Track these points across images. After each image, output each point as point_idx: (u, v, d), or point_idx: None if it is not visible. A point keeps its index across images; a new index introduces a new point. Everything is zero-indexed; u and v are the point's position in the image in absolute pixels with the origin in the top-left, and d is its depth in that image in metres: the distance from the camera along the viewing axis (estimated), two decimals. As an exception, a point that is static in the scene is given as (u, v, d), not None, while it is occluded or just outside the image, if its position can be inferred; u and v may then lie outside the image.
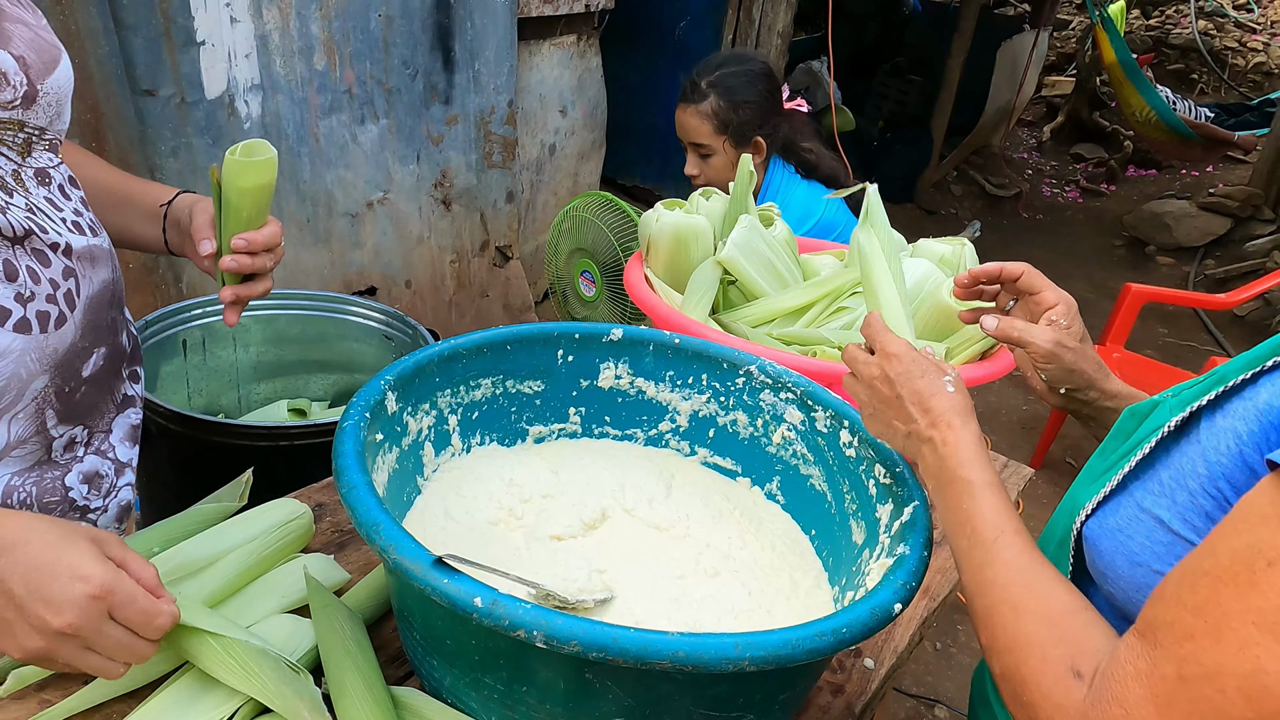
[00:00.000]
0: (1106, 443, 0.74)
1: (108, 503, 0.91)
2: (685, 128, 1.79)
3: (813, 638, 0.63)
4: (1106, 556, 0.63)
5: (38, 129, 0.80)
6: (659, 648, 0.59)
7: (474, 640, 0.69)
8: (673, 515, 1.02)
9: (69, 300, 0.80)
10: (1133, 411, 0.71)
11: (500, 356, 1.04)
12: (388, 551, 0.65)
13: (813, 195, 1.80)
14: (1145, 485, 0.62)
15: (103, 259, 0.86)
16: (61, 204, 0.83)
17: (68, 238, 0.80)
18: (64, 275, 0.80)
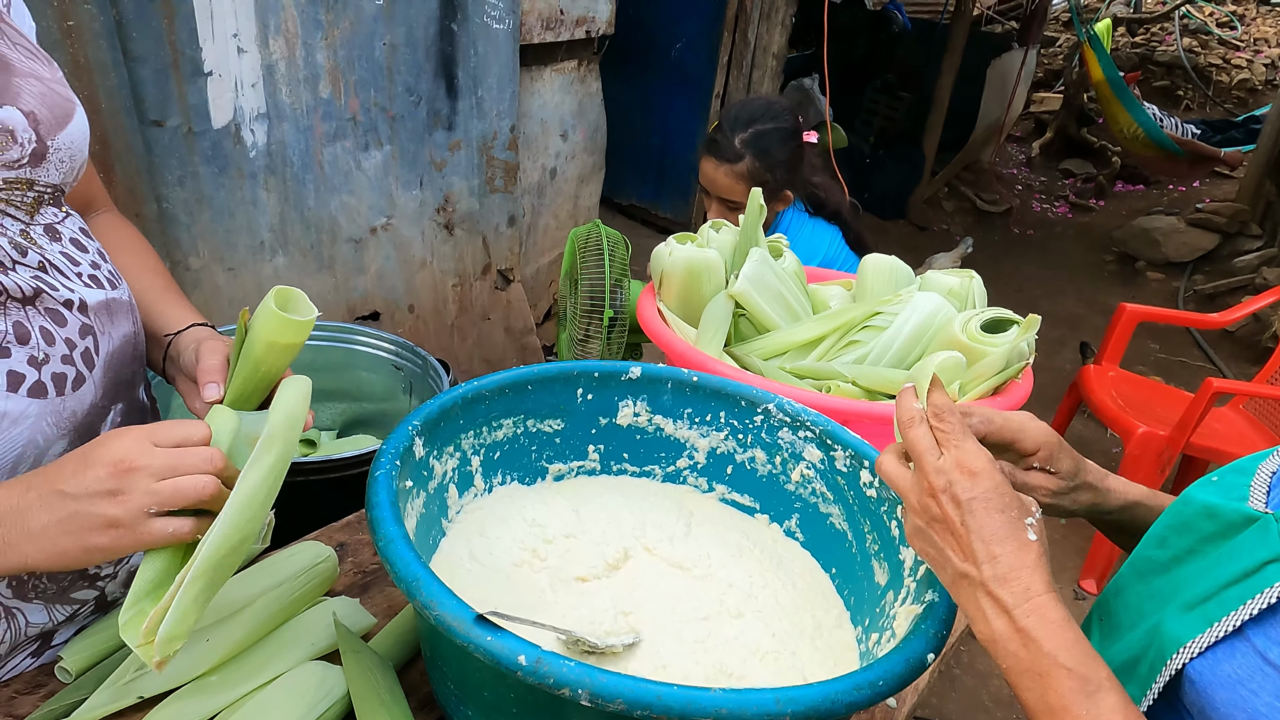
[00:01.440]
0: (1169, 534, 0.68)
1: (118, 569, 0.89)
2: (716, 184, 1.75)
3: (851, 691, 0.64)
4: (1222, 709, 0.56)
5: (49, 187, 0.78)
6: (702, 705, 0.60)
7: (513, 693, 0.70)
8: (694, 554, 1.03)
9: (87, 359, 0.77)
10: (1211, 511, 0.64)
11: (521, 396, 1.05)
12: (429, 608, 0.66)
13: (819, 232, 1.82)
14: (1266, 632, 0.55)
15: (122, 312, 0.83)
16: (79, 257, 0.80)
17: (82, 293, 0.77)
18: (81, 333, 0.77)
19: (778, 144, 1.74)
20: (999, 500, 0.62)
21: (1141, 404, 2.91)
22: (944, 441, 0.66)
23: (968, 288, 1.36)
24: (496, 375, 1.02)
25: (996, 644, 0.61)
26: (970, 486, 0.63)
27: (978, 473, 0.63)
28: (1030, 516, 0.63)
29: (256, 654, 0.86)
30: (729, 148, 1.72)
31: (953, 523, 0.63)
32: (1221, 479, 0.69)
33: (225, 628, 0.85)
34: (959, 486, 0.63)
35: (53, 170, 0.78)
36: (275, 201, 2.15)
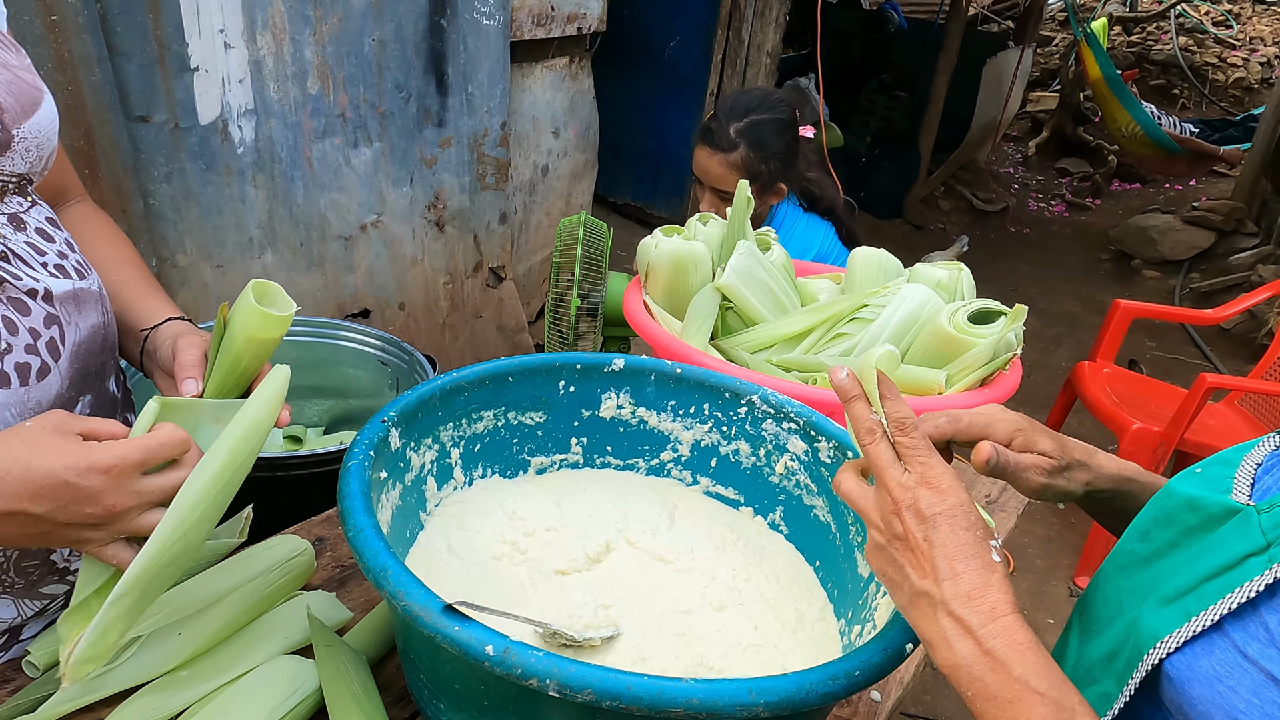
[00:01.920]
0: (1151, 527, 0.66)
1: None
2: (709, 174, 1.74)
3: (826, 681, 0.63)
4: (1201, 707, 0.54)
5: (14, 176, 0.76)
6: (673, 695, 0.59)
7: (483, 685, 0.69)
8: (677, 547, 1.02)
9: (52, 350, 0.76)
10: (1193, 504, 0.63)
11: (502, 388, 1.03)
12: (396, 598, 0.64)
13: (812, 228, 1.81)
14: (1245, 627, 0.54)
15: (91, 302, 0.81)
16: (44, 246, 0.78)
17: (47, 283, 0.76)
18: (45, 323, 0.75)
19: (773, 135, 1.72)
20: (965, 518, 0.59)
21: (1136, 400, 2.90)
22: (908, 457, 0.62)
23: (956, 280, 1.35)
24: (476, 367, 1.01)
25: (959, 670, 0.57)
26: (936, 502, 0.60)
27: (944, 489, 0.60)
28: (993, 539, 0.60)
29: (229, 648, 0.84)
30: (723, 137, 1.71)
31: (915, 538, 0.60)
32: (1205, 470, 0.68)
33: (197, 622, 0.84)
34: (924, 501, 0.60)
35: (18, 159, 0.76)
36: (264, 198, 2.14)
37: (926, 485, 0.60)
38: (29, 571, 0.81)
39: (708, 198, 1.79)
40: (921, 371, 1.20)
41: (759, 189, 1.74)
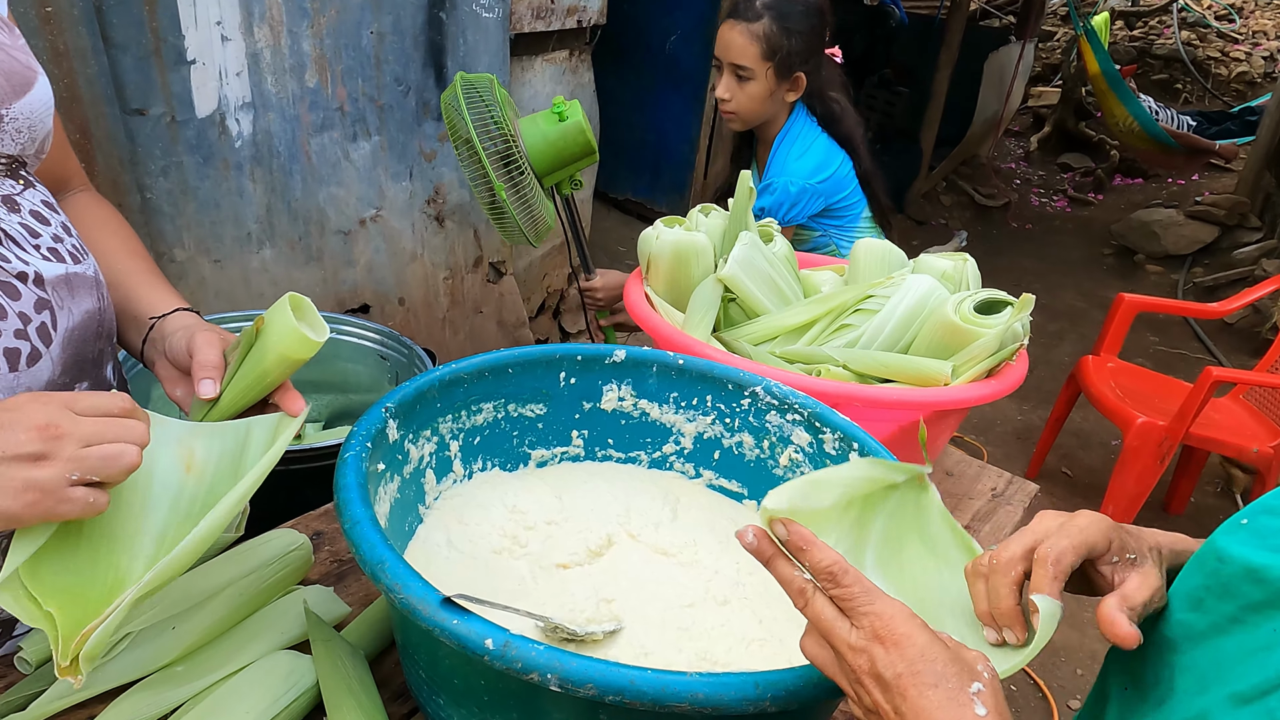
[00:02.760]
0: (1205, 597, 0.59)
1: None
2: (730, 46, 1.72)
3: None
4: None
5: (5, 158, 0.75)
6: (677, 689, 0.58)
7: (483, 680, 0.67)
8: (680, 540, 1.00)
9: (43, 335, 0.74)
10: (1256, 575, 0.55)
11: (502, 380, 1.02)
12: (394, 591, 0.63)
13: (831, 149, 1.78)
14: None
15: (85, 287, 0.80)
16: (39, 229, 0.77)
17: (39, 266, 0.74)
18: (36, 308, 0.74)
19: (800, 16, 1.71)
20: (931, 672, 0.51)
21: (1140, 394, 2.88)
22: (850, 611, 0.54)
23: (961, 271, 1.33)
24: (476, 358, 0.99)
25: None
26: (895, 660, 0.51)
27: (899, 638, 0.51)
28: (976, 682, 0.51)
29: (224, 643, 0.83)
30: (750, 8, 1.70)
31: (885, 711, 0.52)
32: (1253, 523, 0.59)
33: (193, 616, 0.83)
34: (881, 663, 0.52)
35: (8, 140, 0.75)
36: (262, 192, 2.12)
37: (879, 641, 0.52)
38: None
39: (724, 80, 1.76)
40: (927, 363, 1.18)
41: (776, 72, 1.71)
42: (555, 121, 1.58)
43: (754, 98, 1.74)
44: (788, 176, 1.78)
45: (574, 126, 1.58)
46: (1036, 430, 3.55)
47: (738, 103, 1.76)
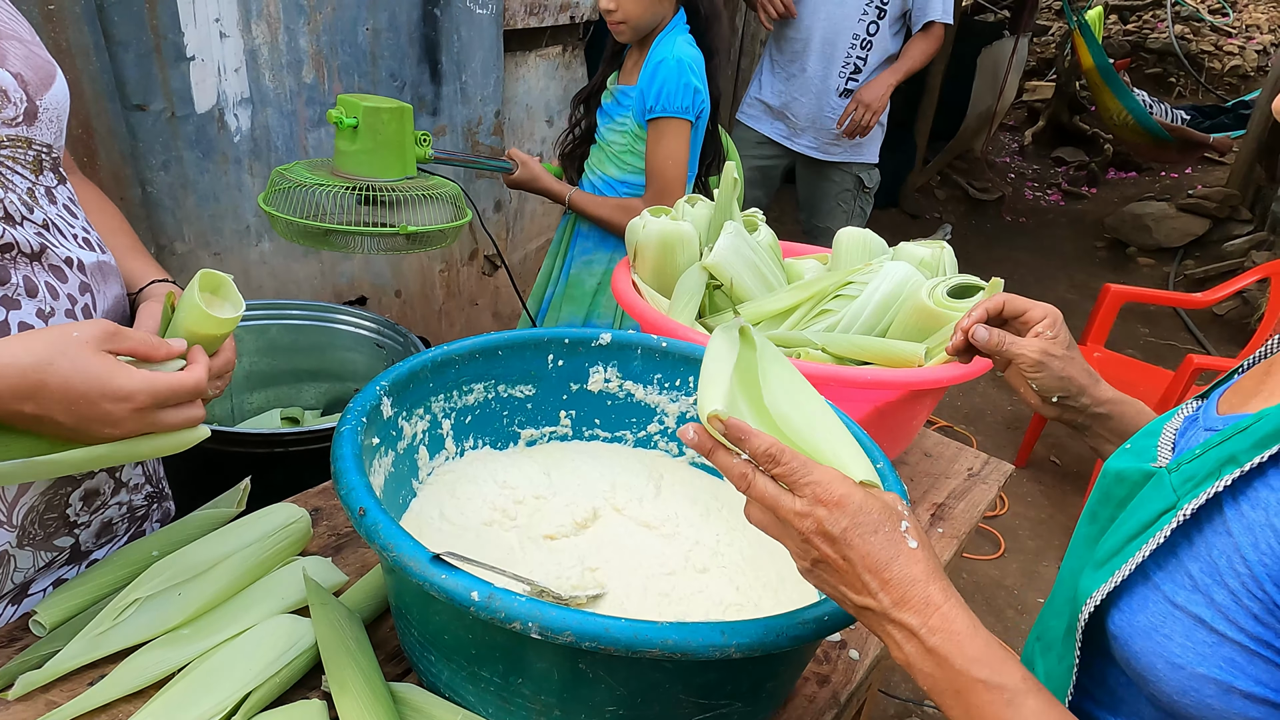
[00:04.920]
0: (1096, 508, 0.69)
1: (93, 519, 0.91)
2: None
3: (795, 625, 0.66)
4: (1144, 659, 0.57)
5: (45, 146, 0.81)
6: (649, 636, 0.62)
7: (470, 634, 0.72)
8: (662, 514, 1.05)
9: (87, 315, 0.82)
10: (1121, 476, 0.66)
11: (492, 362, 1.06)
12: (387, 550, 0.68)
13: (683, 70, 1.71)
14: (1171, 577, 0.57)
15: (112, 275, 0.88)
16: (72, 221, 0.84)
17: (79, 253, 0.82)
18: (80, 290, 0.81)
19: None
20: (870, 521, 0.58)
21: (1127, 384, 2.92)
22: (793, 484, 0.60)
23: (939, 258, 1.38)
24: (467, 340, 1.04)
25: (912, 668, 0.59)
26: (839, 517, 0.58)
27: (839, 499, 0.58)
28: (903, 521, 0.59)
29: (228, 608, 0.87)
30: None
31: (834, 560, 0.59)
32: (1134, 444, 0.71)
33: (197, 584, 0.87)
34: (827, 522, 0.58)
35: (44, 129, 0.81)
36: (260, 186, 2.16)
37: (821, 504, 0.59)
38: (49, 524, 0.85)
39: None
40: (902, 345, 1.22)
41: None
42: (353, 132, 1.43)
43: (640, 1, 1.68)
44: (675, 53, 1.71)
45: (370, 115, 1.42)
46: (1025, 419, 3.59)
47: (625, 9, 1.69)
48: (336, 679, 0.78)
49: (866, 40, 2.71)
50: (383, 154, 1.45)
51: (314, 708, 0.78)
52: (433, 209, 1.46)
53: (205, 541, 0.92)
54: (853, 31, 2.69)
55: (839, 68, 2.75)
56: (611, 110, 1.89)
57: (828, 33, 2.71)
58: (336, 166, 1.47)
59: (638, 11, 1.71)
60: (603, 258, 1.96)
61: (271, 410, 1.74)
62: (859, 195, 3.00)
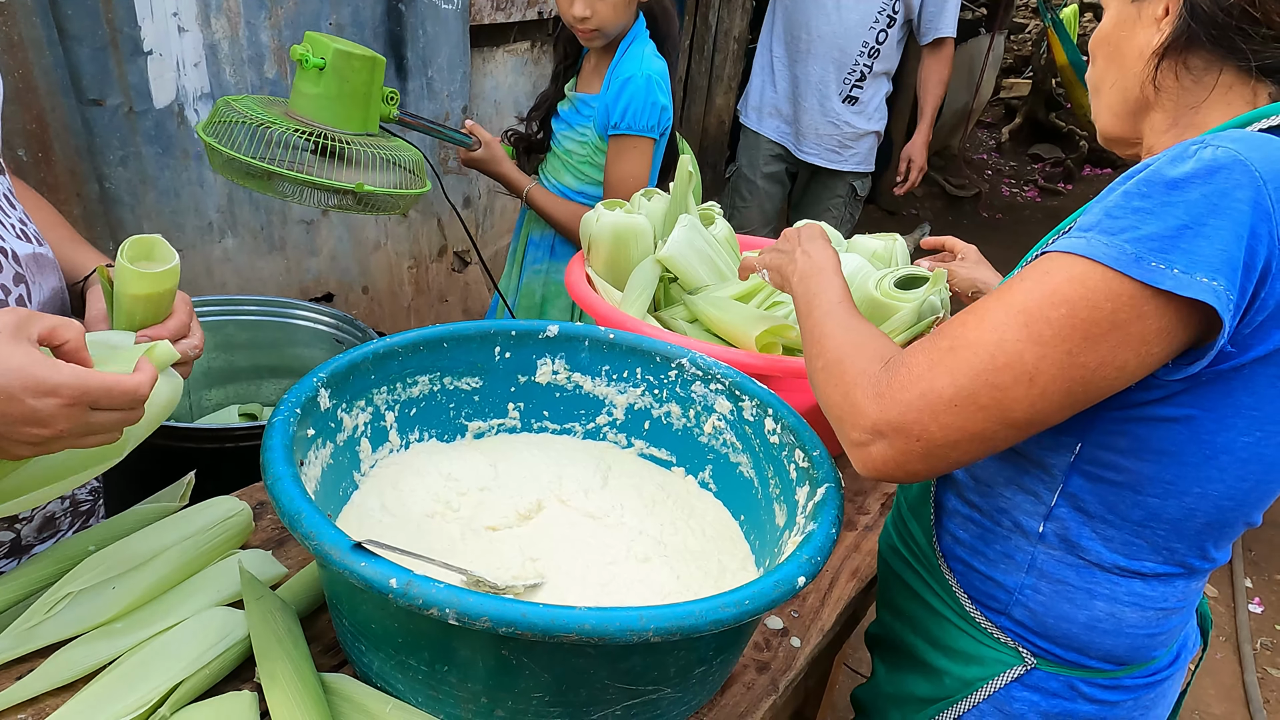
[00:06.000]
0: None
1: (34, 512, 0.90)
2: None
3: (716, 609, 0.66)
4: None
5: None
6: (566, 621, 0.62)
7: (395, 623, 0.72)
8: (607, 505, 1.05)
9: (21, 305, 0.80)
10: None
11: (437, 354, 1.06)
12: (309, 539, 0.67)
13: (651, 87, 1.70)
14: None
15: (50, 267, 0.86)
16: (9, 211, 0.83)
17: (13, 244, 0.81)
18: (14, 281, 0.80)
19: None
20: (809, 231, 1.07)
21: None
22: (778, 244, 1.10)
23: (890, 249, 1.39)
24: (411, 332, 1.04)
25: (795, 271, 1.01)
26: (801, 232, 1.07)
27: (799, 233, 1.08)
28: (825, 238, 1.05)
29: (162, 602, 0.87)
30: None
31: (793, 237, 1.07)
32: None
33: (132, 577, 0.87)
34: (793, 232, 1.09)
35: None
36: (222, 182, 2.15)
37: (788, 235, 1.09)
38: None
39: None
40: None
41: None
42: (318, 74, 1.31)
43: (617, 5, 1.66)
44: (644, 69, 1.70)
45: (340, 59, 1.31)
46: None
47: (600, 16, 1.66)
48: (267, 670, 0.77)
49: (874, 48, 2.67)
50: (346, 103, 1.35)
51: (243, 700, 0.77)
52: (388, 173, 1.37)
53: (143, 535, 0.91)
54: (863, 39, 2.64)
55: (844, 74, 2.70)
56: (571, 119, 1.83)
57: (838, 38, 2.64)
58: (292, 108, 1.35)
59: (614, 19, 1.69)
60: (554, 268, 1.93)
61: (230, 406, 1.73)
62: (850, 202, 2.96)
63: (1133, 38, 0.81)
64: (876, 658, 1.09)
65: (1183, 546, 0.80)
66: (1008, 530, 0.87)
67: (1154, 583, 0.82)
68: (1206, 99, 0.77)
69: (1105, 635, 0.85)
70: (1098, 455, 0.78)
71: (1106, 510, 0.80)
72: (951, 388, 0.70)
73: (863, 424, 0.74)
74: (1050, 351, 0.68)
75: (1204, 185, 0.66)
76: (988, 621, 0.91)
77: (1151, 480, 0.77)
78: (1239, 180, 0.65)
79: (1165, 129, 0.82)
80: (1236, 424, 0.72)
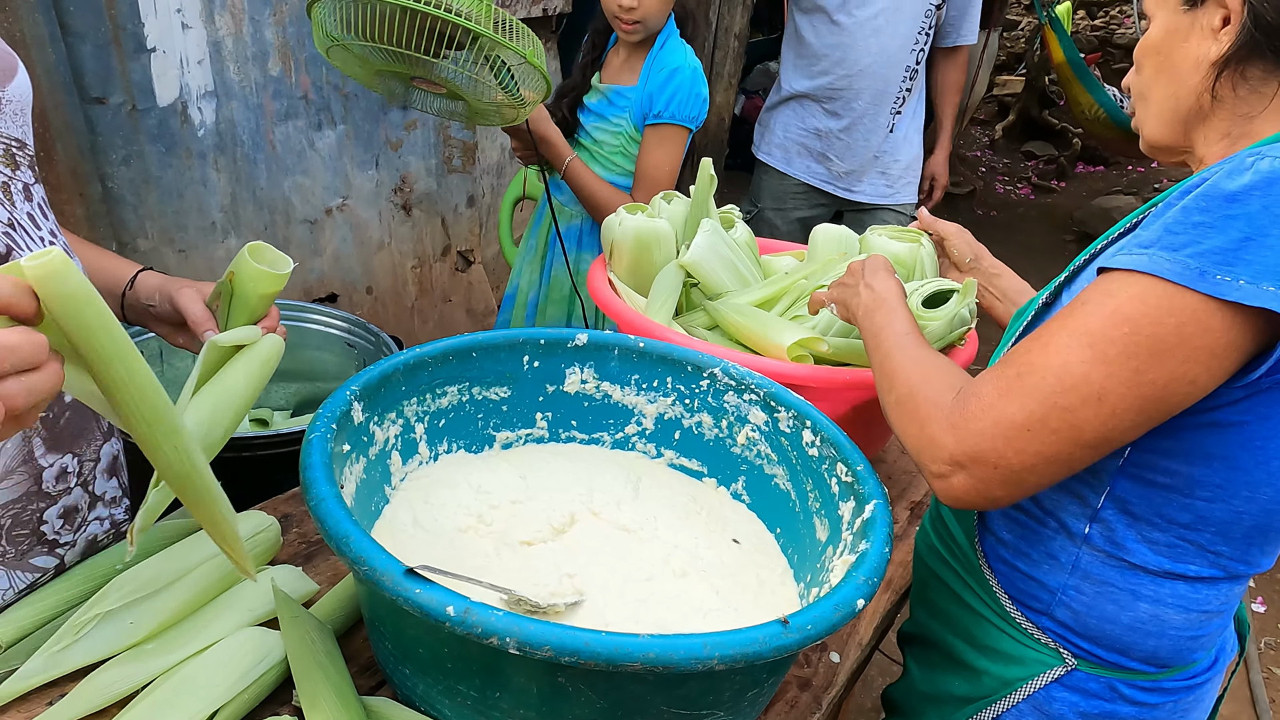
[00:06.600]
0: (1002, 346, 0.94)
1: (76, 537, 0.88)
2: None
3: (779, 635, 0.65)
4: None
5: (14, 140, 0.78)
6: (630, 650, 0.61)
7: (447, 648, 0.70)
8: (640, 517, 1.03)
9: None
10: (1019, 314, 0.93)
11: (466, 364, 1.04)
12: (359, 564, 0.65)
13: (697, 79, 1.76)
14: None
15: None
16: (41, 222, 0.82)
17: None
18: None
19: None
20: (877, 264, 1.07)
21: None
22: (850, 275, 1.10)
23: (916, 255, 1.37)
24: (440, 342, 1.01)
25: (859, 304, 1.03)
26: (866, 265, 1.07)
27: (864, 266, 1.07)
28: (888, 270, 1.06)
29: (194, 621, 0.85)
30: None
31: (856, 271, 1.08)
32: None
33: (161, 597, 0.84)
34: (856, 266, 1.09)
35: (10, 121, 0.78)
36: (226, 181, 2.12)
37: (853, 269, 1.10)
38: (18, 540, 0.81)
39: None
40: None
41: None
42: None
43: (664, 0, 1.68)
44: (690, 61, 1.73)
45: None
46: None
47: (646, 8, 1.67)
48: (307, 693, 0.75)
49: (914, 70, 2.41)
50: None
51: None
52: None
53: (170, 553, 0.89)
54: (905, 63, 2.38)
55: (890, 103, 2.42)
56: (603, 110, 1.85)
57: (880, 66, 2.36)
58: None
59: (658, 12, 1.71)
60: (584, 259, 1.94)
61: (239, 412, 1.70)
62: None
63: (1186, 47, 0.80)
64: (910, 656, 1.08)
65: (1228, 550, 0.80)
66: (1052, 531, 0.86)
67: (1198, 585, 0.82)
68: (1264, 109, 0.76)
69: (1148, 637, 0.85)
70: (1147, 459, 0.78)
71: (1153, 513, 0.80)
72: (1022, 413, 0.71)
73: (941, 456, 0.76)
74: (1117, 370, 0.68)
75: (1264, 196, 0.65)
76: (1028, 622, 0.90)
77: (1201, 484, 0.76)
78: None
79: (1218, 139, 0.81)
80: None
